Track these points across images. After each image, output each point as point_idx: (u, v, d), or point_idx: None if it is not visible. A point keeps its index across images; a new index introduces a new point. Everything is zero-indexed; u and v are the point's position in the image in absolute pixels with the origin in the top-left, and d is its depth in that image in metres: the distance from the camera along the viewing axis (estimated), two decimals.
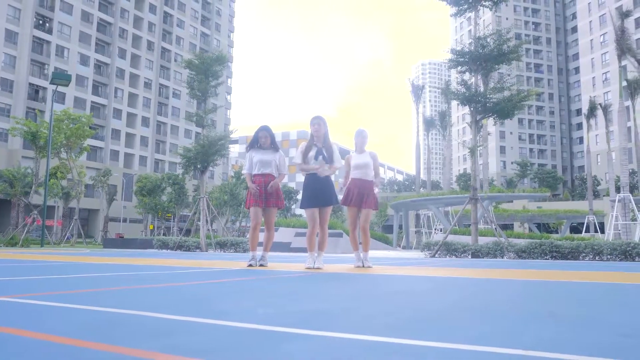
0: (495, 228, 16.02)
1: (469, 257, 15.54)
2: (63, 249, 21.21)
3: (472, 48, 16.07)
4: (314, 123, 6.45)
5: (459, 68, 16.80)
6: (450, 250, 15.86)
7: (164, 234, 46.63)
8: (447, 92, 16.17)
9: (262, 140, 6.84)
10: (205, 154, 19.54)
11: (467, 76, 17.40)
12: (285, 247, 22.57)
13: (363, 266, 6.93)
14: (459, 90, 15.89)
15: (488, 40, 15.91)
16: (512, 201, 59.43)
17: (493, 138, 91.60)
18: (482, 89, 15.87)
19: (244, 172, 7.09)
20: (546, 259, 14.43)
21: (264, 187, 6.78)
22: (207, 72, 20.05)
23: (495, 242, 15.32)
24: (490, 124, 71.08)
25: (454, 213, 47.50)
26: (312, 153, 6.39)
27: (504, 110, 15.48)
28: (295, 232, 23.21)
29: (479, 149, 17.17)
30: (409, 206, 42.58)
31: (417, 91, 45.45)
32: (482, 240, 17.11)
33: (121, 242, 23.94)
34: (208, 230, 21.13)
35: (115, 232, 58.89)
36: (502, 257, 15.12)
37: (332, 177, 6.75)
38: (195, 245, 20.21)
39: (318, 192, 6.31)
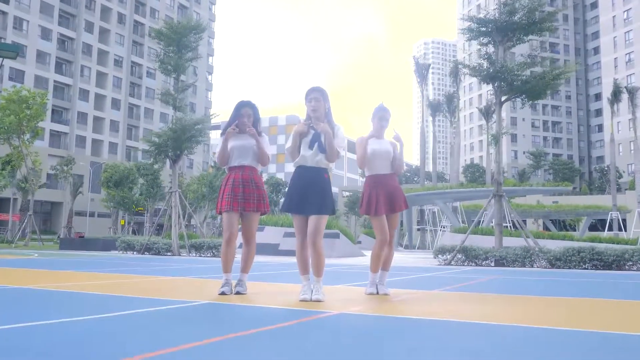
0: (523, 229, 14.71)
1: (492, 264, 14.28)
2: (11, 249, 19.72)
3: (497, 15, 14.71)
4: (311, 98, 5.05)
5: (481, 39, 15.47)
6: (469, 256, 14.56)
7: (133, 232, 44.95)
8: (468, 68, 14.81)
9: (245, 120, 5.48)
10: (177, 141, 18.08)
11: (487, 49, 16.02)
12: (272, 249, 21.22)
13: (377, 293, 5.60)
14: (481, 65, 14.52)
15: (516, 5, 14.55)
16: (524, 195, 58.41)
17: (503, 125, 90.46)
18: (507, 64, 14.51)
19: (216, 157, 5.74)
20: (585, 268, 13.18)
21: (241, 184, 5.40)
22: (180, 44, 18.56)
23: (523, 247, 14.03)
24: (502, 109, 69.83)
25: (463, 209, 46.33)
26: (307, 138, 5.00)
27: (534, 90, 14.18)
28: (284, 231, 21.86)
29: (491, 136, 15.86)
30: (413, 201, 41.28)
31: (422, 71, 44.04)
32: (506, 243, 15.77)
33: (80, 243, 22.48)
34: (181, 228, 19.73)
35: (82, 227, 57.31)
36: (532, 266, 13.86)
37: (331, 170, 5.36)
38: (166, 247, 18.82)
39: (308, 194, 4.92)
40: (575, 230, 61.69)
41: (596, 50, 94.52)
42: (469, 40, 15.62)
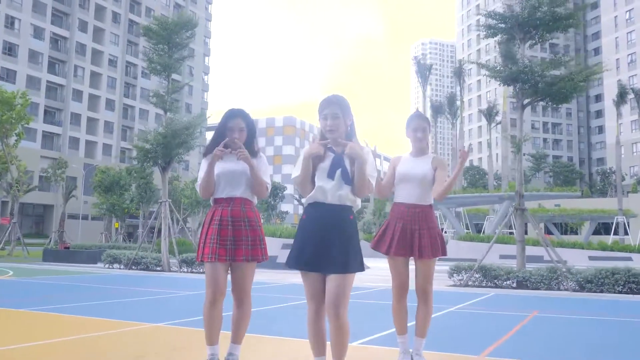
0: (547, 246, 13.27)
1: (514, 285, 12.86)
2: None
3: (519, 10, 13.30)
4: (326, 113, 3.52)
5: (498, 37, 14.07)
6: (488, 276, 13.13)
7: (124, 239, 43.15)
8: (486, 69, 13.38)
9: (235, 136, 4.03)
10: (167, 147, 16.58)
11: (507, 47, 14.60)
12: (269, 262, 19.64)
13: None
14: (503, 65, 13.10)
15: None
16: (529, 200, 57.06)
17: (508, 127, 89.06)
18: (532, 64, 13.09)
19: (197, 186, 4.18)
20: (619, 291, 11.75)
21: (231, 224, 3.94)
22: (170, 41, 17.08)
23: (549, 268, 12.60)
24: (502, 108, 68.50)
25: (466, 213, 44.91)
26: (324, 164, 3.52)
27: (561, 92, 12.75)
28: (282, 243, 20.39)
29: (513, 143, 14.43)
30: None
31: (424, 71, 42.61)
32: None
33: (64, 255, 20.95)
34: (172, 235, 18.26)
35: (74, 231, 55.73)
36: (559, 288, 12.44)
37: (357, 209, 3.88)
38: (156, 262, 17.33)
39: (327, 243, 3.44)
40: (577, 233, 60.35)
41: (596, 51, 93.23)
42: (486, 38, 14.19)
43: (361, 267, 3.55)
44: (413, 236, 4.23)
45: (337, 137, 3.49)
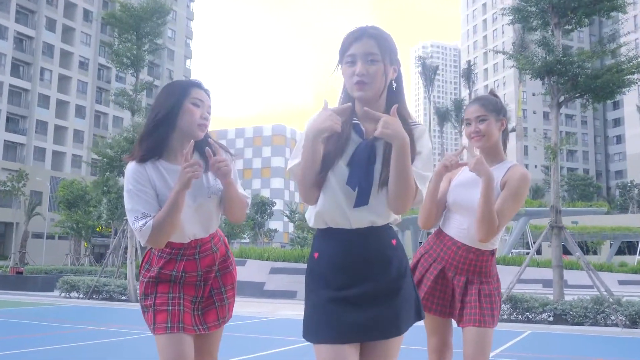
0: (591, 271, 11.92)
1: (550, 318, 11.54)
2: None
3: None
4: (355, 54, 2.11)
5: (531, 22, 12.90)
6: (519, 308, 11.79)
7: (90, 261, 41.43)
8: (514, 59, 12.19)
9: (205, 123, 2.66)
10: None
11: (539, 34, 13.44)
12: (256, 289, 18.34)
13: None
14: (536, 54, 11.89)
15: None
16: (547, 216, 55.83)
17: (513, 136, 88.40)
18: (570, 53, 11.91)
19: (137, 225, 2.43)
20: None
21: (202, 279, 2.63)
22: (138, 30, 15.82)
23: (594, 299, 11.27)
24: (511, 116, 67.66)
25: None
26: (345, 151, 2.09)
27: (606, 86, 11.55)
28: (271, 267, 19.01)
29: (548, 149, 13.18)
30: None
31: (429, 72, 41.50)
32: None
33: (15, 282, 19.43)
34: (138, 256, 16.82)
35: (38, 252, 54.03)
36: (605, 324, 11.13)
37: (397, 222, 2.42)
38: (120, 290, 15.89)
39: (363, 295, 2.08)
40: (596, 253, 59.20)
41: (613, 54, 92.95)
42: (514, 24, 13.01)
43: (419, 315, 2.23)
44: (455, 290, 2.94)
45: (369, 95, 2.09)
